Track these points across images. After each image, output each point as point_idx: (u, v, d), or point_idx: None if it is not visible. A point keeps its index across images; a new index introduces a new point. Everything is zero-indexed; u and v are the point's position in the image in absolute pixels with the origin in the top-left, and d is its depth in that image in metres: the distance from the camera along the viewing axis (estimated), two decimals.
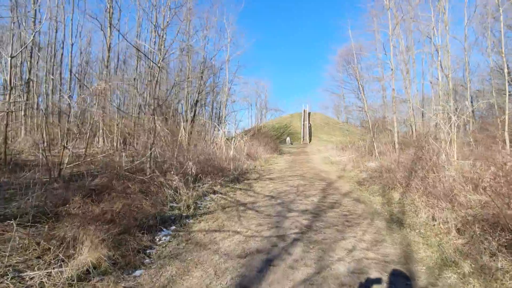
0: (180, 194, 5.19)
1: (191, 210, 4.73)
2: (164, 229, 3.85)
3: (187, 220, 4.31)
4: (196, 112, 25.20)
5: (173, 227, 3.96)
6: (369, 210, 5.31)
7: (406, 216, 4.80)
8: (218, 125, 16.67)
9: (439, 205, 4.48)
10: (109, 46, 15.18)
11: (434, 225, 4.18)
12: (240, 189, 7.09)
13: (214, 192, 6.21)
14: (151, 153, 5.96)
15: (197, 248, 3.35)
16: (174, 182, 5.25)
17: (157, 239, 3.54)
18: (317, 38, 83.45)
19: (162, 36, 7.27)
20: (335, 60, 35.59)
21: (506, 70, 11.54)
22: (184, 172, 6.14)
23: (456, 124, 7.95)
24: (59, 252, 2.67)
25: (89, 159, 6.40)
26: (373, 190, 6.95)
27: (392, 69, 13.60)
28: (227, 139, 15.59)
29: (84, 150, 9.43)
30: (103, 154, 6.50)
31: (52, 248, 2.76)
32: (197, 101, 25.22)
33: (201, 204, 5.20)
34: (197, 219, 4.44)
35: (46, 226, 3.19)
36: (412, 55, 19.18)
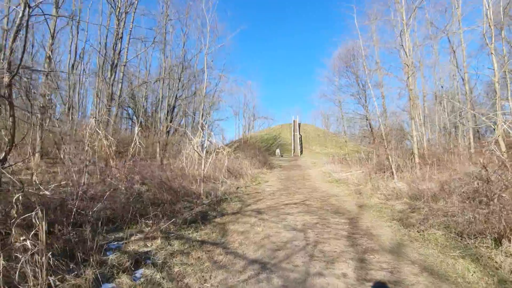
0: None
1: None
2: None
3: None
4: (173, 120, 21.85)
5: None
6: None
7: None
8: (193, 134, 13.40)
9: None
10: (54, 31, 11.93)
11: None
12: (203, 242, 3.86)
13: (138, 264, 2.96)
14: None
15: None
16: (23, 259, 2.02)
17: None
18: (315, 31, 77.39)
19: None
20: (331, 64, 32.67)
21: None
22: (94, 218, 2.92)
23: None
24: None
25: None
26: (441, 243, 3.92)
27: (407, 65, 11.03)
28: (206, 151, 12.33)
29: None
30: None
31: None
32: (173, 107, 21.93)
33: None
34: None
35: None
36: (421, 53, 17.03)
